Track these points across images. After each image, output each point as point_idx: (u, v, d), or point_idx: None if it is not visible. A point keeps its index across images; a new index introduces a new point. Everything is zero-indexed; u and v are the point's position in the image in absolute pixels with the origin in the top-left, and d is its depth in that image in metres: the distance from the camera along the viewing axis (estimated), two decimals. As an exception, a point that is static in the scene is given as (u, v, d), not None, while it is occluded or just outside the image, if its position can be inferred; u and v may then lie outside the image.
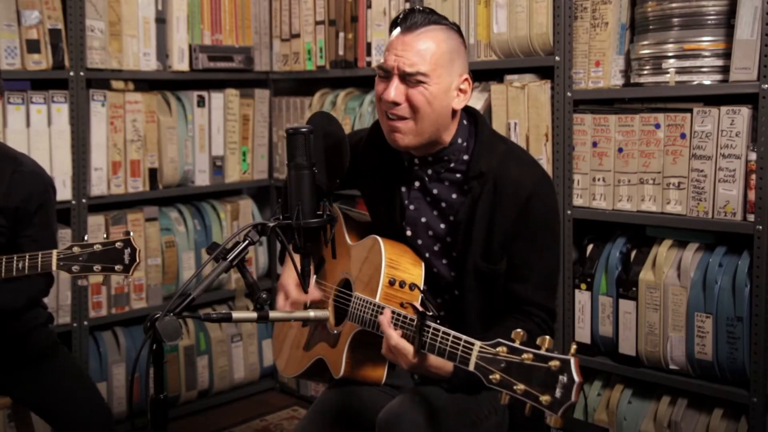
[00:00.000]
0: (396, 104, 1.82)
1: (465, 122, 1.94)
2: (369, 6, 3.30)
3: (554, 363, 1.39)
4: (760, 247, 2.31)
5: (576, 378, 1.37)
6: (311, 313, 1.92)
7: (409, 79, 1.81)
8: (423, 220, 1.96)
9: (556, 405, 1.38)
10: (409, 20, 1.84)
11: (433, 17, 1.86)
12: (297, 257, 1.82)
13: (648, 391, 2.66)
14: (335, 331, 1.97)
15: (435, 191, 1.94)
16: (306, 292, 1.89)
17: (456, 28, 1.90)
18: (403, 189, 1.97)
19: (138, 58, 3.31)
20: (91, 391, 2.48)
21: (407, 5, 3.15)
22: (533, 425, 1.99)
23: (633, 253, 2.63)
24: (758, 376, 2.35)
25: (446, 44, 1.83)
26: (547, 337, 1.43)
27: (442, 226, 1.94)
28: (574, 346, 1.42)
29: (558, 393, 1.38)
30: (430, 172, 1.93)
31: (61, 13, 3.08)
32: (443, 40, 1.83)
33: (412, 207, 1.96)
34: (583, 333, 2.71)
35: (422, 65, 1.79)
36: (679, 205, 2.49)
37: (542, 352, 1.42)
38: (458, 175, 1.91)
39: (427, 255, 1.96)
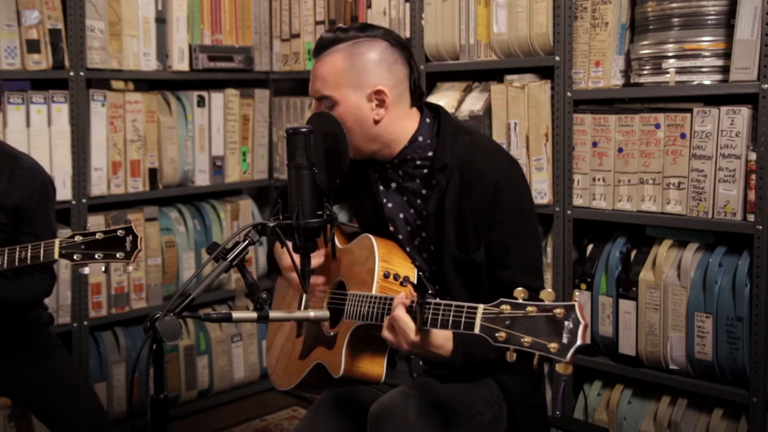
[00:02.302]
0: None
1: (428, 120, 1.96)
2: (369, 6, 3.31)
3: (558, 311, 1.40)
4: (760, 247, 2.31)
5: (581, 320, 1.38)
6: (311, 313, 1.92)
7: (321, 103, 1.92)
8: (401, 216, 1.99)
9: (564, 350, 1.38)
10: (317, 47, 1.94)
11: (338, 35, 1.92)
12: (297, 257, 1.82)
13: (648, 391, 2.66)
14: (331, 333, 1.97)
15: (409, 188, 1.97)
16: (306, 293, 1.89)
17: (381, 34, 1.92)
18: (381, 188, 2.02)
19: (138, 58, 3.31)
20: (88, 394, 2.48)
21: (407, 5, 3.15)
22: (534, 421, 1.99)
23: (633, 253, 2.63)
24: (758, 376, 2.35)
25: (348, 62, 1.89)
26: (549, 290, 1.44)
27: (418, 222, 1.97)
28: (576, 293, 1.44)
29: (565, 338, 1.38)
30: (400, 173, 1.97)
31: (61, 13, 3.08)
32: (344, 59, 1.89)
33: (390, 205, 2.00)
34: (583, 333, 2.71)
35: (324, 89, 1.90)
36: (679, 205, 2.49)
37: (545, 303, 1.42)
38: (425, 171, 1.94)
39: (408, 249, 1.99)
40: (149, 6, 3.35)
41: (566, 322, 1.39)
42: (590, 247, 2.74)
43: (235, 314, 1.77)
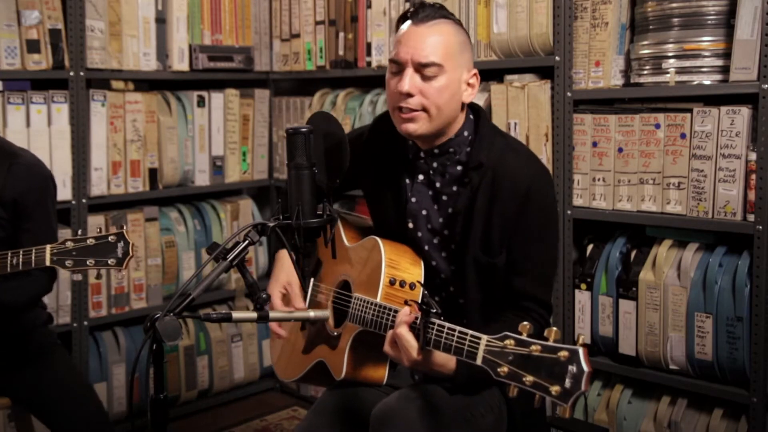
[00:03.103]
0: (410, 95, 1.84)
1: (471, 116, 1.96)
2: (369, 6, 3.30)
3: (563, 353, 1.39)
4: (760, 247, 2.31)
5: (585, 368, 1.37)
6: (311, 313, 1.92)
7: (423, 70, 1.84)
8: (423, 212, 1.97)
9: (565, 395, 1.37)
10: (420, 13, 1.88)
11: (445, 12, 1.92)
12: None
13: (648, 391, 2.66)
14: (335, 333, 1.96)
15: (438, 184, 1.95)
16: (306, 292, 1.89)
17: (461, 25, 1.95)
18: (407, 181, 1.99)
19: (138, 58, 3.31)
20: (88, 393, 2.48)
21: (407, 5, 3.15)
22: (534, 423, 1.99)
23: (633, 253, 2.63)
24: (758, 376, 2.35)
25: (456, 37, 1.88)
26: (555, 328, 1.43)
27: (441, 219, 1.95)
28: (582, 337, 1.42)
29: (568, 383, 1.37)
30: (435, 165, 1.95)
31: (61, 13, 3.08)
32: (454, 33, 1.88)
33: (414, 199, 1.98)
34: (583, 333, 2.71)
35: (436, 56, 1.83)
36: (679, 205, 2.49)
37: (550, 343, 1.42)
38: (459, 168, 1.93)
39: (426, 248, 1.97)
40: (149, 6, 3.35)
41: (570, 366, 1.38)
42: (590, 247, 2.74)
43: (235, 314, 1.77)
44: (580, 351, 1.38)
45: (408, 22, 1.89)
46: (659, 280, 2.52)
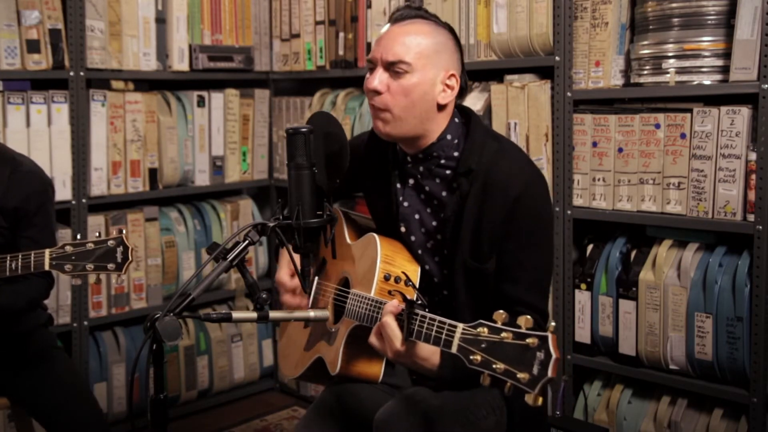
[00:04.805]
0: (377, 93, 1.85)
1: (457, 120, 1.94)
2: (369, 6, 3.31)
3: (532, 340, 1.39)
4: (760, 247, 2.31)
5: (553, 354, 1.36)
6: (311, 313, 1.92)
7: (392, 68, 1.84)
8: (416, 216, 1.97)
9: (533, 382, 1.37)
10: (397, 14, 1.89)
11: (422, 13, 1.91)
12: (297, 257, 1.82)
13: (648, 391, 2.66)
14: (333, 329, 1.97)
15: (427, 188, 1.95)
16: (306, 292, 1.89)
17: (448, 27, 1.94)
18: (399, 185, 1.99)
19: (138, 58, 3.31)
20: (86, 397, 2.47)
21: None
22: (534, 423, 1.99)
23: (633, 253, 2.63)
24: (758, 376, 2.35)
25: (431, 37, 1.86)
26: (527, 316, 1.42)
27: (434, 223, 1.95)
28: (552, 324, 1.41)
29: (535, 370, 1.37)
30: (422, 169, 1.95)
31: (61, 13, 3.08)
32: (428, 33, 1.86)
33: (406, 203, 1.98)
34: (583, 333, 2.71)
35: (405, 55, 1.83)
36: (679, 205, 2.49)
37: (521, 330, 1.41)
38: (448, 172, 1.92)
39: (419, 252, 1.97)
40: (149, 6, 3.35)
41: (538, 353, 1.37)
42: (590, 247, 2.74)
43: (235, 314, 1.77)
44: (549, 337, 1.38)
45: (388, 25, 1.91)
46: (659, 280, 2.52)
